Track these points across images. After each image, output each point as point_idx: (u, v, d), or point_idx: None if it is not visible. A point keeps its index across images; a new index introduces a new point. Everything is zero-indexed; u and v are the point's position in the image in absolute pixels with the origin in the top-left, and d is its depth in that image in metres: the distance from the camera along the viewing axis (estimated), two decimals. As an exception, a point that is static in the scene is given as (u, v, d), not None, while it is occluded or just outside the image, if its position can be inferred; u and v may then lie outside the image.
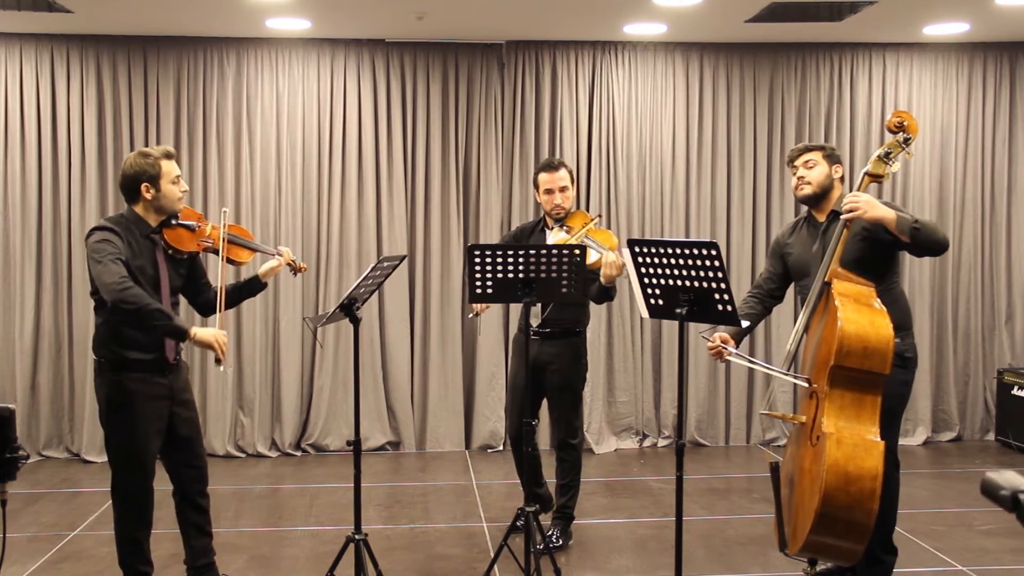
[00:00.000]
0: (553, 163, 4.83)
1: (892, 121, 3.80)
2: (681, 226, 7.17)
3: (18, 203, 6.76)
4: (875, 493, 3.32)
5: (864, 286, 3.63)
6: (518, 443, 4.92)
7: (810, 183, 4.01)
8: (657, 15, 6.35)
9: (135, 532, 3.85)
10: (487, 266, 3.98)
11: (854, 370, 3.45)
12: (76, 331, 6.82)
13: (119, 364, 3.78)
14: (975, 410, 7.39)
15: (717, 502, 5.86)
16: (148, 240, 3.83)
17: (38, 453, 6.82)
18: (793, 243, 4.14)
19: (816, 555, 3.62)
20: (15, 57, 6.74)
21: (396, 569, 4.65)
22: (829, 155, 4.04)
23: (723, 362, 3.96)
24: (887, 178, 3.87)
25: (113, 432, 3.81)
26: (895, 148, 3.77)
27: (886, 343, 3.45)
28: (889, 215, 3.63)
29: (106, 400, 3.80)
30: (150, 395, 3.80)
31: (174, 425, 3.90)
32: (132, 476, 3.82)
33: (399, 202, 7.02)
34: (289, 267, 4.21)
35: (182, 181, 3.90)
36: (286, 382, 6.96)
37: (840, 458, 3.35)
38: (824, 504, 3.32)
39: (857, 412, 3.47)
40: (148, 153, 3.84)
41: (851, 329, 3.45)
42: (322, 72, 6.97)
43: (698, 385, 7.20)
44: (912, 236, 3.62)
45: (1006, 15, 6.38)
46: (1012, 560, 4.77)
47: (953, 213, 7.30)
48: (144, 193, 3.80)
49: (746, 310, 4.17)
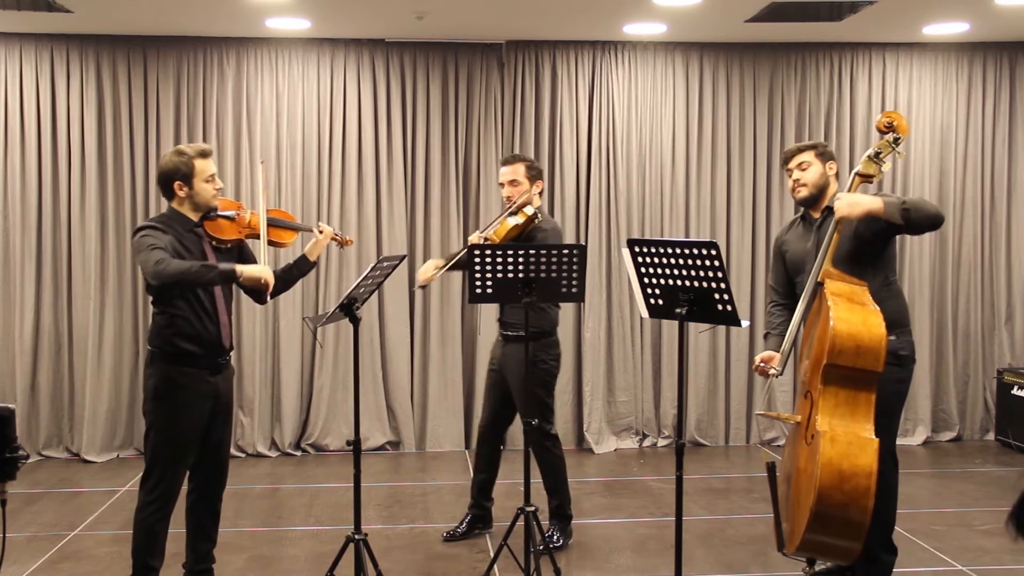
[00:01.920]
0: (508, 157, 5.04)
1: (882, 121, 3.82)
2: (681, 226, 7.17)
3: (18, 203, 6.76)
4: (870, 490, 3.32)
5: (857, 285, 3.64)
6: (481, 443, 5.08)
7: (806, 185, 4.02)
8: (657, 15, 6.35)
9: (155, 524, 3.86)
10: (487, 266, 3.98)
11: (847, 368, 3.46)
12: (76, 331, 6.82)
13: (171, 356, 3.82)
14: (975, 410, 7.39)
15: (717, 502, 5.86)
16: (193, 234, 3.88)
17: (38, 453, 6.82)
18: (789, 240, 4.16)
19: (813, 554, 3.62)
20: (15, 57, 6.74)
21: (396, 569, 4.65)
22: (822, 153, 4.05)
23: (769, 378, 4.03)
24: (878, 177, 3.88)
25: (154, 422, 3.84)
26: (885, 148, 3.79)
27: (878, 341, 3.45)
28: (876, 204, 3.64)
29: (153, 389, 3.83)
30: (197, 391, 3.84)
31: (211, 427, 3.93)
32: (166, 469, 3.84)
33: (399, 202, 7.02)
34: (335, 241, 4.25)
35: (217, 179, 3.94)
36: (286, 382, 6.96)
37: (834, 456, 3.35)
38: (819, 502, 3.32)
39: (851, 410, 3.48)
40: (183, 151, 3.88)
41: (843, 328, 3.45)
42: (322, 72, 6.97)
43: (698, 385, 7.20)
44: (904, 217, 3.64)
45: (1006, 15, 6.38)
46: (1012, 560, 4.77)
47: (953, 213, 7.30)
48: (178, 191, 3.87)
49: (776, 322, 4.16)
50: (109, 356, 6.79)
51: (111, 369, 6.79)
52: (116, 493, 5.98)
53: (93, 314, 6.75)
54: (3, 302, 6.79)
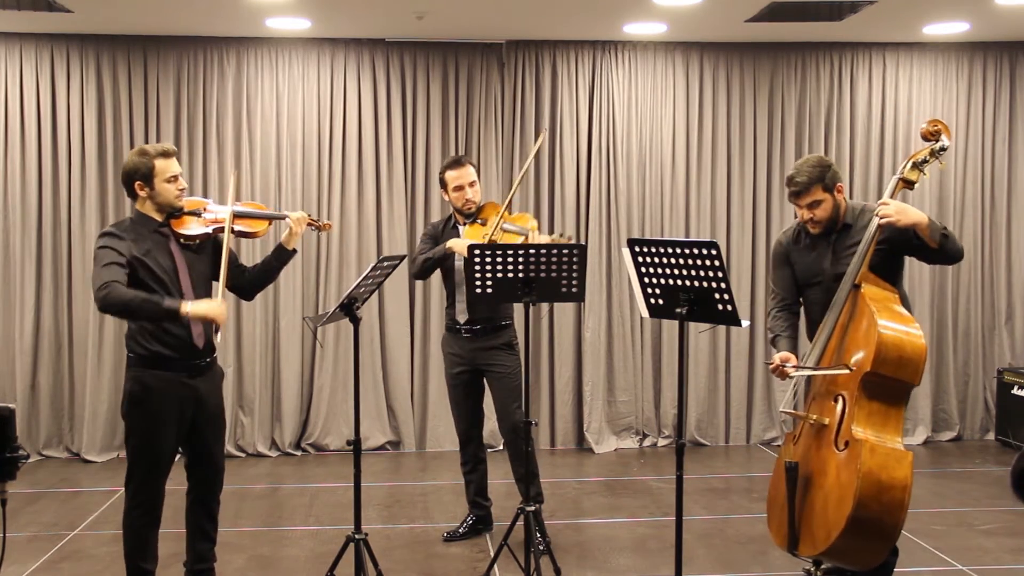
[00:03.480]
0: (460, 160, 4.94)
1: (927, 129, 3.76)
2: (681, 226, 7.16)
3: (18, 203, 6.76)
4: (904, 504, 3.34)
5: (890, 291, 3.62)
6: (466, 445, 5.08)
7: (820, 222, 3.85)
8: (657, 15, 6.35)
9: (142, 528, 3.85)
10: (487, 266, 3.98)
11: (887, 378, 3.45)
12: (76, 331, 6.82)
13: (144, 359, 3.78)
14: (975, 410, 7.39)
15: (717, 502, 5.86)
16: (158, 235, 3.82)
17: (38, 453, 6.82)
18: (798, 252, 4.02)
19: (836, 560, 3.58)
20: (15, 57, 6.74)
21: (396, 569, 4.65)
22: (828, 183, 3.81)
23: (789, 378, 3.87)
24: (917, 183, 3.83)
25: (131, 426, 3.83)
26: (930, 157, 3.74)
27: (920, 354, 3.44)
28: (923, 219, 3.59)
29: (129, 393, 3.81)
30: (172, 395, 3.79)
31: (198, 429, 3.90)
32: (145, 473, 3.82)
33: (399, 202, 7.02)
34: (312, 227, 4.16)
35: (181, 179, 3.86)
36: (286, 382, 6.96)
37: (874, 467, 3.34)
38: (857, 510, 3.32)
39: (883, 420, 3.47)
40: (145, 151, 3.83)
41: (890, 337, 3.43)
42: (322, 72, 6.97)
43: (698, 385, 7.20)
44: (941, 243, 3.60)
45: (1006, 15, 6.38)
46: (1012, 560, 4.77)
47: (953, 213, 7.30)
48: (139, 191, 3.81)
49: (785, 326, 4.00)
50: (109, 356, 6.79)
51: (111, 369, 6.79)
52: (116, 493, 5.97)
53: (93, 314, 6.74)
54: (3, 302, 6.79)
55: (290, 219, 4.07)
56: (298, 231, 4.07)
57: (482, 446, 5.19)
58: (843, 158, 7.16)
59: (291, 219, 4.07)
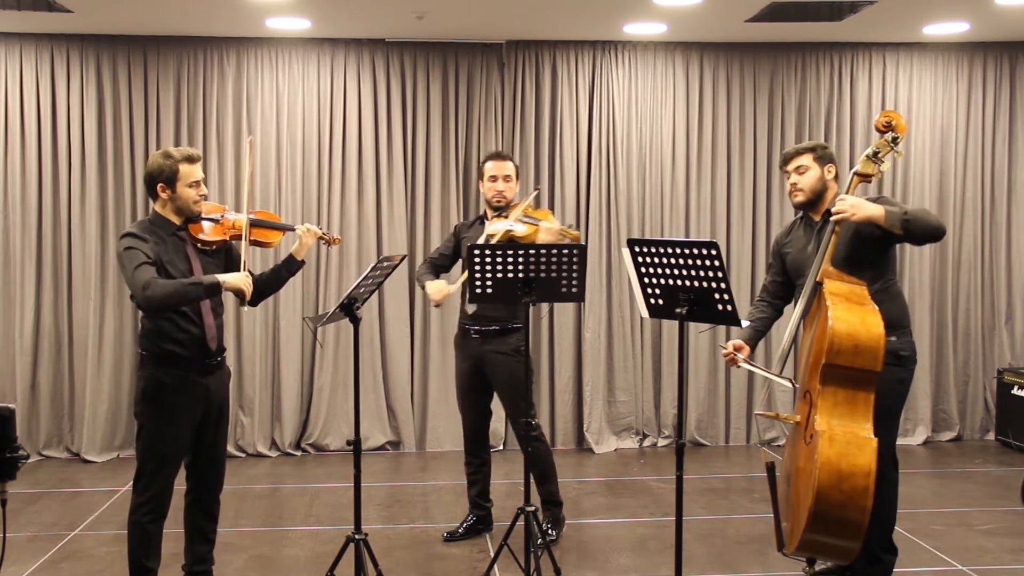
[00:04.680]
0: (503, 153, 5.08)
1: (880, 121, 3.82)
2: (681, 226, 7.17)
3: (18, 203, 6.76)
4: (868, 490, 3.32)
5: (856, 285, 3.64)
6: (472, 445, 5.10)
7: (802, 190, 4.00)
8: (657, 15, 6.35)
9: (148, 525, 3.85)
10: (487, 266, 3.98)
11: (845, 368, 3.46)
12: (76, 331, 6.82)
13: (159, 358, 3.82)
14: (975, 410, 7.39)
15: (717, 502, 5.86)
16: (176, 238, 3.86)
17: (38, 453, 6.82)
18: (790, 242, 4.16)
19: (812, 554, 3.62)
20: (15, 57, 6.74)
21: (396, 569, 4.65)
22: (820, 156, 4.01)
23: (737, 367, 3.98)
24: (877, 177, 3.88)
25: (143, 424, 3.85)
26: (884, 147, 3.79)
27: (877, 340, 3.45)
28: (877, 212, 3.64)
29: (142, 391, 3.84)
30: (185, 393, 3.83)
31: (204, 429, 3.93)
32: (155, 470, 3.83)
33: (399, 202, 7.02)
34: (322, 240, 4.21)
35: (203, 185, 3.90)
36: (286, 382, 6.96)
37: (833, 456, 3.35)
38: (817, 502, 3.33)
39: (850, 410, 3.48)
40: (170, 154, 3.86)
41: (841, 328, 3.45)
42: (322, 72, 6.97)
43: (698, 385, 7.20)
44: (904, 227, 3.64)
45: (1006, 15, 6.38)
46: (1012, 560, 4.77)
47: (953, 213, 7.30)
48: (160, 192, 3.85)
49: (756, 315, 4.20)
50: (109, 356, 6.79)
51: (111, 369, 6.79)
52: (116, 493, 5.97)
53: (93, 314, 6.75)
54: (3, 302, 6.79)
55: (300, 231, 4.13)
56: (308, 242, 4.13)
57: (487, 447, 5.19)
58: (843, 158, 7.14)
59: (300, 231, 4.13)
